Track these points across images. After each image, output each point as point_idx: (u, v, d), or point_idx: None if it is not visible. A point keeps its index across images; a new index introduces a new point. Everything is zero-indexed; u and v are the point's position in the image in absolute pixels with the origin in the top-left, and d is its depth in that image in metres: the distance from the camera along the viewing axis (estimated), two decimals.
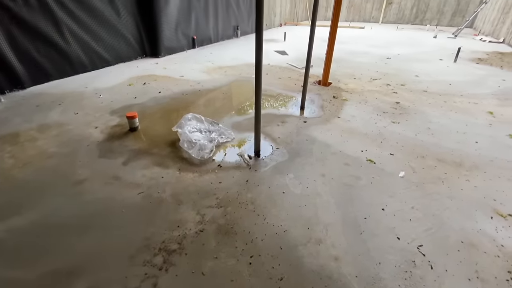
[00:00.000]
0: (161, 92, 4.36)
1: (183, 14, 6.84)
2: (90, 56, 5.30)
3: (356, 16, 14.74)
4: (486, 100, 4.07)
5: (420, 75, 5.27)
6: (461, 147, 2.84)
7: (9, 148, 2.84)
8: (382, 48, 7.85)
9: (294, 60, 6.43)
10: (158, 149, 2.82)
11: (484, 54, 7.16)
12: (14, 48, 4.23)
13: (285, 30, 10.57)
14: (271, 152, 2.74)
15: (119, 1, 5.51)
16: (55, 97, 4.15)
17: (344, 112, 3.67)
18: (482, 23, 11.21)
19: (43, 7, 4.42)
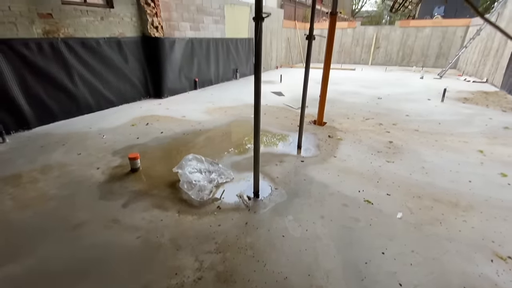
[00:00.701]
0: (163, 132, 4.51)
1: (186, 59, 7.36)
2: (96, 98, 5.58)
3: (347, 59, 15.83)
4: (475, 139, 4.25)
5: (410, 115, 5.54)
6: (455, 186, 2.90)
7: (11, 190, 2.86)
8: (372, 89, 8.32)
9: (290, 100, 6.77)
10: (158, 190, 2.85)
11: (470, 94, 7.60)
12: (25, 91, 4.48)
13: (281, 72, 11.27)
14: (270, 193, 2.78)
15: (127, 49, 5.98)
16: (60, 138, 4.28)
17: (340, 151, 3.79)
18: (465, 64, 12.07)
19: (57, 55, 4.79)
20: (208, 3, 7.92)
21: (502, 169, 3.28)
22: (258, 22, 1.97)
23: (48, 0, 4.55)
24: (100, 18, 5.36)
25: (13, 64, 4.27)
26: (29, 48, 4.42)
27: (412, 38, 14.11)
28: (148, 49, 6.39)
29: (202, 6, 7.68)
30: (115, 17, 5.63)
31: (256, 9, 1.96)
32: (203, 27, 7.84)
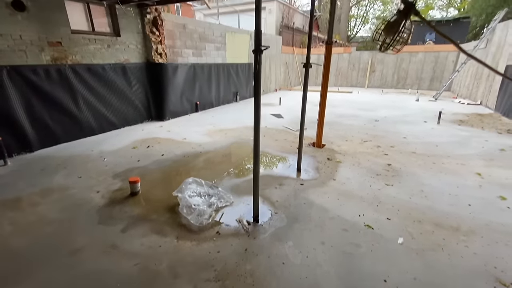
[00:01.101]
0: (164, 155, 4.56)
1: (188, 83, 7.60)
2: (99, 121, 5.69)
3: (344, 82, 16.31)
4: (472, 161, 4.29)
5: (407, 137, 5.63)
6: (455, 210, 2.90)
7: (10, 214, 2.85)
8: (369, 111, 8.50)
9: (289, 122, 6.90)
10: (157, 215, 2.84)
11: (465, 116, 7.76)
12: (30, 115, 4.59)
13: (280, 95, 11.57)
14: (270, 217, 2.77)
15: (132, 74, 6.20)
16: (61, 160, 4.32)
17: (339, 174, 3.82)
18: (459, 87, 12.42)
19: (63, 80, 4.97)
20: (210, 31, 8.33)
21: (501, 192, 3.29)
22: (257, 54, 2.10)
23: (58, 30, 4.81)
24: (107, 46, 5.63)
25: (21, 89, 4.42)
26: (37, 74, 4.60)
27: (406, 62, 14.65)
28: (152, 74, 6.63)
29: (204, 34, 8.07)
30: (121, 45, 5.91)
31: (256, 42, 2.10)
32: (205, 53, 8.19)
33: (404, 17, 1.31)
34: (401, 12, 1.28)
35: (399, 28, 1.38)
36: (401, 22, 1.36)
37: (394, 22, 1.37)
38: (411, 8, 1.23)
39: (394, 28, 1.40)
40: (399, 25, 1.37)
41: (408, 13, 1.25)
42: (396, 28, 1.38)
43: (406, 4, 1.23)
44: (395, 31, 1.41)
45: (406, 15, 1.28)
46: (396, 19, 1.37)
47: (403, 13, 1.27)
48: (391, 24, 1.39)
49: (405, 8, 1.24)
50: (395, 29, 1.40)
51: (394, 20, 1.37)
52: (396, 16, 1.35)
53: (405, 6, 1.23)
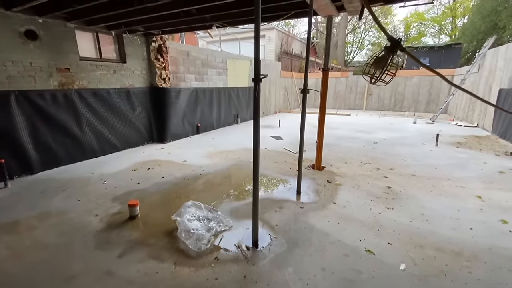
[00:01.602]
0: (164, 178, 4.58)
1: (190, 107, 7.80)
2: (101, 143, 5.77)
3: (342, 104, 16.67)
4: (472, 184, 4.29)
5: (406, 159, 5.66)
6: (457, 234, 2.86)
7: (6, 238, 2.82)
8: (368, 133, 8.62)
9: (288, 144, 6.97)
10: (155, 239, 2.81)
11: (463, 138, 7.84)
12: (34, 138, 4.67)
13: (280, 117, 11.77)
14: (270, 242, 2.73)
15: (136, 98, 6.39)
16: (61, 183, 4.33)
17: (339, 197, 3.81)
18: (455, 109, 12.67)
19: (69, 104, 5.12)
20: (212, 57, 8.70)
21: (502, 215, 3.26)
22: (256, 82, 2.21)
23: (67, 57, 5.05)
24: (112, 72, 5.86)
25: (27, 113, 4.55)
26: (44, 98, 4.76)
27: (402, 85, 15.08)
28: (155, 98, 6.83)
29: (207, 61, 8.42)
30: (127, 71, 6.16)
31: (255, 71, 2.22)
32: (207, 78, 8.48)
33: (391, 53, 1.42)
34: (388, 48, 1.39)
35: (387, 62, 1.48)
36: (389, 57, 1.46)
37: (382, 57, 1.48)
38: (397, 45, 1.34)
39: (382, 63, 1.50)
40: (386, 60, 1.47)
41: (395, 50, 1.36)
42: (384, 63, 1.48)
43: (392, 41, 1.34)
44: (383, 66, 1.51)
45: (392, 51, 1.39)
46: (383, 55, 1.48)
47: (390, 49, 1.38)
48: (379, 59, 1.49)
49: (391, 45, 1.35)
50: (383, 64, 1.50)
51: (382, 56, 1.48)
52: (384, 52, 1.46)
53: (392, 43, 1.34)
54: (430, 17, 26.90)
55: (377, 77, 1.68)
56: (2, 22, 4.15)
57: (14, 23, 4.29)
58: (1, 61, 4.22)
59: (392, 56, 1.45)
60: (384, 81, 1.81)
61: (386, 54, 1.45)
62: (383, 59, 1.48)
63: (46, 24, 4.66)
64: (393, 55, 1.43)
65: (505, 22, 15.42)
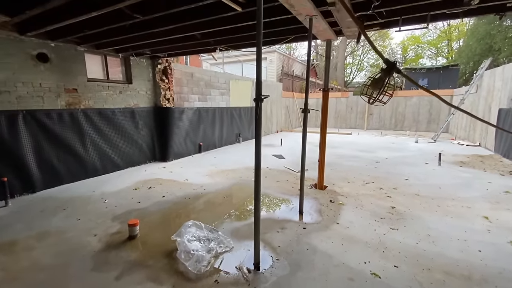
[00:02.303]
0: (165, 197, 4.54)
1: (193, 126, 7.91)
2: (104, 162, 5.80)
3: (343, 124, 16.82)
4: (478, 204, 4.21)
5: (409, 179, 5.61)
6: (465, 257, 2.77)
7: (3, 259, 2.77)
8: (370, 152, 8.61)
9: (290, 163, 6.96)
10: (154, 260, 2.74)
11: (465, 157, 7.80)
12: (37, 156, 4.72)
13: (281, 136, 11.85)
14: (271, 264, 2.66)
15: (140, 117, 6.52)
16: (62, 202, 4.31)
17: (342, 217, 3.74)
18: (456, 129, 12.71)
19: (74, 123, 5.22)
20: (216, 79, 8.96)
21: (511, 237, 3.16)
22: (258, 102, 2.27)
23: (76, 78, 5.23)
24: (118, 92, 6.03)
25: (33, 132, 4.63)
26: (50, 118, 4.87)
27: (402, 105, 15.27)
28: (159, 117, 6.95)
29: (210, 82, 8.66)
30: (132, 91, 6.34)
31: (257, 92, 2.28)
32: (210, 98, 8.68)
33: (387, 75, 1.48)
34: (384, 70, 1.45)
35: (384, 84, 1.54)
36: (385, 79, 1.52)
37: (379, 79, 1.54)
38: (393, 67, 1.40)
39: (379, 84, 1.55)
40: (383, 81, 1.53)
41: (391, 71, 1.42)
42: (381, 84, 1.54)
43: (388, 64, 1.40)
44: (380, 87, 1.56)
45: (388, 73, 1.45)
46: (380, 76, 1.53)
47: (386, 71, 1.44)
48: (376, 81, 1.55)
49: (387, 67, 1.41)
50: (380, 85, 1.55)
51: (379, 77, 1.54)
52: (381, 73, 1.52)
53: (387, 65, 1.40)
54: (426, 40, 27.82)
55: (375, 98, 1.73)
56: (16, 46, 4.36)
57: (27, 47, 4.51)
58: (13, 82, 4.38)
59: (388, 78, 1.50)
60: (381, 102, 1.85)
61: (382, 75, 1.51)
62: (380, 80, 1.54)
63: (58, 48, 4.89)
64: (389, 76, 1.49)
65: (500, 44, 15.91)
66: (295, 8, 3.01)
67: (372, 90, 1.67)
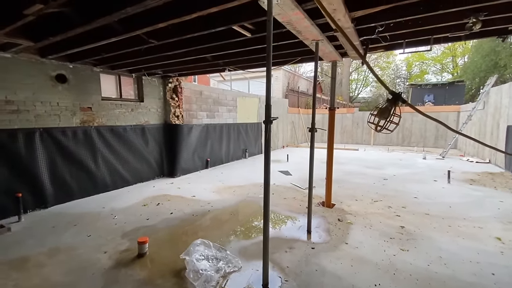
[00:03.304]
0: (173, 213, 4.58)
1: (201, 142, 8.05)
2: (113, 178, 5.92)
3: (349, 140, 16.81)
4: (490, 224, 4.12)
5: (418, 197, 5.53)
6: (478, 280, 2.70)
7: (15, 275, 2.82)
8: (377, 169, 8.55)
9: (297, 180, 6.96)
10: (163, 280, 2.75)
11: (475, 175, 7.67)
12: (51, 172, 4.86)
13: (288, 152, 11.89)
14: (280, 286, 2.64)
15: (150, 134, 6.69)
16: (73, 218, 4.38)
17: (351, 237, 3.70)
18: (465, 145, 12.56)
19: (87, 140, 5.40)
20: (223, 96, 9.19)
21: None
22: (267, 125, 2.36)
23: (91, 97, 5.46)
24: (130, 110, 6.25)
25: (48, 149, 4.81)
26: (65, 135, 5.05)
27: (409, 121, 15.24)
28: (168, 134, 7.12)
29: (218, 99, 8.89)
30: (143, 109, 6.55)
31: (266, 114, 2.38)
32: (218, 115, 8.87)
33: (393, 105, 1.55)
34: (390, 100, 1.52)
35: (390, 113, 1.61)
36: (391, 108, 1.59)
37: (385, 108, 1.61)
38: (398, 98, 1.48)
39: (385, 114, 1.63)
40: (389, 111, 1.60)
41: (396, 101, 1.50)
42: (387, 114, 1.61)
43: (394, 95, 1.48)
44: (386, 116, 1.64)
45: (394, 103, 1.52)
46: (386, 106, 1.61)
47: (392, 101, 1.51)
48: (383, 110, 1.62)
49: (393, 98, 1.49)
50: (386, 114, 1.63)
51: (385, 107, 1.61)
52: (387, 103, 1.60)
53: (393, 96, 1.48)
54: (431, 56, 28.10)
55: (382, 126, 1.80)
56: (37, 68, 4.63)
57: (47, 69, 4.77)
58: (32, 102, 4.61)
59: (394, 108, 1.58)
60: (388, 130, 1.92)
61: (389, 105, 1.59)
62: (386, 110, 1.61)
63: (75, 69, 5.16)
64: (395, 106, 1.56)
65: (505, 61, 15.98)
66: (302, 34, 3.17)
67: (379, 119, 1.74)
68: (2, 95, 4.27)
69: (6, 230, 3.86)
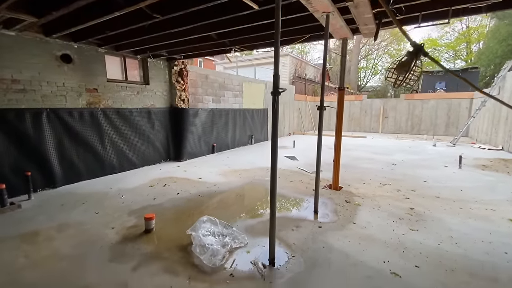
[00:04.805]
0: (179, 194, 4.60)
1: (206, 127, 8.01)
2: (120, 160, 5.95)
3: (357, 127, 16.53)
4: (503, 207, 4.00)
5: (428, 181, 5.41)
6: (491, 259, 2.63)
7: (26, 247, 2.88)
8: (385, 155, 8.39)
9: (303, 165, 6.89)
10: (169, 253, 2.76)
11: (487, 161, 7.46)
12: (59, 153, 4.91)
13: (294, 139, 11.77)
14: (287, 261, 2.61)
15: (156, 117, 6.66)
16: (81, 197, 4.44)
17: (359, 217, 3.65)
18: (477, 132, 12.20)
19: (94, 122, 5.40)
20: (229, 80, 9.06)
21: None
22: (275, 96, 2.27)
23: (96, 78, 5.43)
24: (136, 93, 6.20)
25: (55, 129, 4.83)
26: (72, 116, 5.06)
27: (418, 108, 14.86)
28: (174, 118, 7.08)
29: (224, 83, 8.77)
30: (149, 92, 6.50)
31: (274, 85, 2.29)
32: (223, 100, 8.78)
33: (414, 58, 1.44)
34: (411, 53, 1.41)
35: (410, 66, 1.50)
36: (412, 62, 1.48)
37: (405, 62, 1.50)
38: (420, 49, 1.36)
39: (405, 67, 1.52)
40: (409, 64, 1.49)
41: (417, 54, 1.38)
42: (407, 67, 1.50)
43: (415, 46, 1.36)
44: (406, 70, 1.53)
45: (415, 55, 1.41)
46: (406, 60, 1.50)
47: (413, 53, 1.40)
48: (402, 64, 1.51)
49: (414, 50, 1.37)
50: (406, 68, 1.52)
51: (405, 60, 1.50)
52: (407, 56, 1.49)
53: (414, 48, 1.37)
54: (444, 43, 27.07)
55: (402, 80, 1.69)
56: (41, 47, 4.59)
57: (52, 48, 4.73)
58: (38, 82, 4.60)
59: (415, 61, 1.47)
60: (408, 84, 1.81)
61: (409, 59, 1.48)
62: (407, 64, 1.50)
63: (80, 49, 5.10)
64: (416, 60, 1.45)
65: None
66: (312, 5, 3.01)
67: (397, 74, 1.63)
68: (8, 74, 4.26)
69: (17, 207, 3.93)
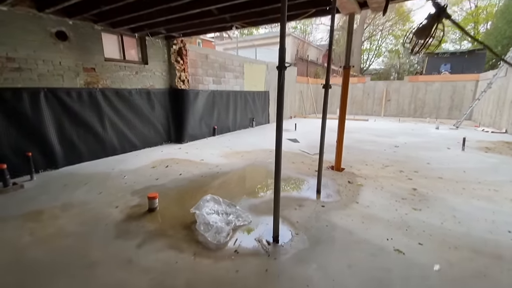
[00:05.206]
0: (182, 174, 4.59)
1: (207, 109, 7.89)
2: (121, 142, 5.91)
3: (359, 111, 16.35)
4: (505, 188, 3.99)
5: (431, 163, 5.39)
6: (494, 237, 2.64)
7: (31, 225, 2.89)
8: (388, 138, 8.33)
9: (305, 147, 6.85)
10: (174, 231, 2.78)
11: (491, 144, 7.41)
12: (59, 134, 4.85)
13: (295, 122, 11.66)
14: (291, 238, 2.63)
15: (155, 98, 6.54)
16: (83, 177, 4.43)
17: (362, 197, 3.65)
18: (480, 115, 12.07)
19: (93, 102, 5.30)
20: (230, 61, 8.82)
21: None
22: (281, 70, 2.17)
23: (93, 57, 5.25)
24: (135, 73, 6.04)
25: (54, 110, 4.74)
26: (70, 96, 4.95)
27: (422, 91, 14.61)
28: (174, 99, 6.95)
29: (224, 64, 8.54)
30: (148, 72, 6.33)
31: (280, 59, 2.18)
32: (224, 81, 8.58)
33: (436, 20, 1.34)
34: (432, 15, 1.31)
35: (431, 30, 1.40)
36: (433, 25, 1.38)
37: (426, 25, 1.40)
38: (442, 11, 1.26)
39: (426, 31, 1.42)
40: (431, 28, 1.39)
41: (440, 17, 1.28)
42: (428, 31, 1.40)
43: (437, 7, 1.26)
44: (427, 34, 1.43)
45: (437, 18, 1.31)
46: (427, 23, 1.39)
47: (434, 16, 1.30)
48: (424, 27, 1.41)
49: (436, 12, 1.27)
50: (427, 32, 1.42)
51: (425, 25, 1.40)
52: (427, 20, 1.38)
53: (436, 9, 1.26)
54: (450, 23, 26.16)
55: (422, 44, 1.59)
56: (35, 23, 4.40)
57: (46, 24, 4.53)
58: (34, 60, 4.45)
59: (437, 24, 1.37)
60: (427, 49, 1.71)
61: (430, 21, 1.38)
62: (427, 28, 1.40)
63: (75, 26, 4.90)
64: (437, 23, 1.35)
65: None
66: None
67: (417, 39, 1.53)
68: (3, 52, 4.11)
69: (20, 187, 3.93)
